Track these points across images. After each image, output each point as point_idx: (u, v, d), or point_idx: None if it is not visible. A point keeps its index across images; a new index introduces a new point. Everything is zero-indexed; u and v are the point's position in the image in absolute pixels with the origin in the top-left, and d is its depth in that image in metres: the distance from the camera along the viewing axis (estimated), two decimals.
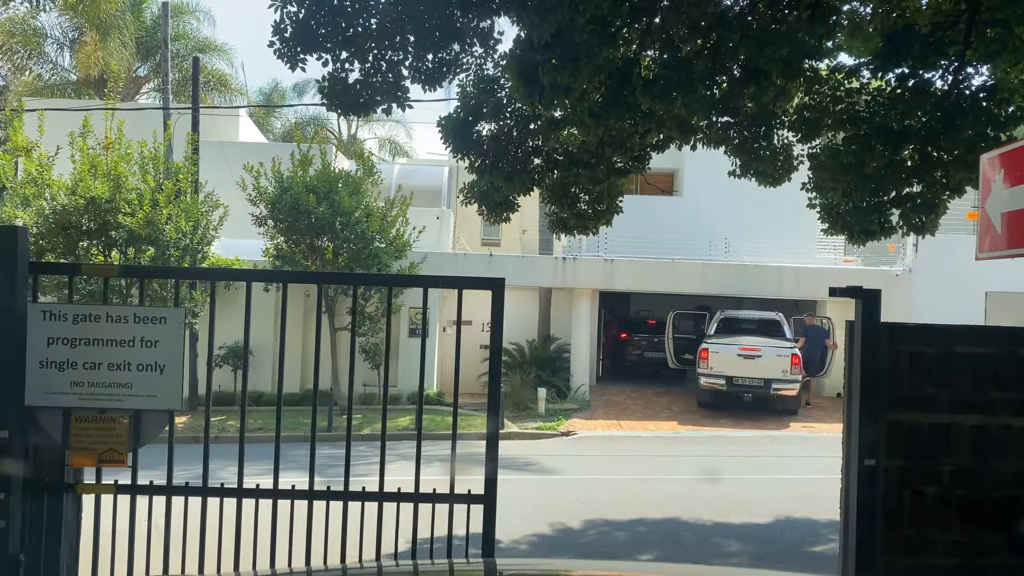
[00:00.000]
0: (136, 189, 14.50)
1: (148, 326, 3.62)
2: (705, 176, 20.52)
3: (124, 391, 3.56)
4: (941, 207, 7.78)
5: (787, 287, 17.86)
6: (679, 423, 15.71)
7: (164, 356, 3.64)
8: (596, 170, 7.78)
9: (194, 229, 14.94)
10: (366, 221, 15.16)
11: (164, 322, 3.64)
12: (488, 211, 8.54)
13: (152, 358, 3.62)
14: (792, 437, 14.62)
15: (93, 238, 14.67)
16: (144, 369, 3.61)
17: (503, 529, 8.37)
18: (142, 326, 3.61)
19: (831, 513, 9.11)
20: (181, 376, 3.72)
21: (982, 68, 7.32)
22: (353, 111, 5.92)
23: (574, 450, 13.41)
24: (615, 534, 8.06)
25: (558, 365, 18.06)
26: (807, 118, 7.40)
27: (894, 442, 3.39)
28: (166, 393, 3.65)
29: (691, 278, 17.79)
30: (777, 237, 18.94)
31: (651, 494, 9.79)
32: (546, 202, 9.00)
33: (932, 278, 17.61)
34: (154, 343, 3.62)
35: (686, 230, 19.19)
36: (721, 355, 16.08)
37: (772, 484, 10.53)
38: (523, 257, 19.01)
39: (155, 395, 3.64)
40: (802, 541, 7.83)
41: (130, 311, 3.61)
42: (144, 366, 3.61)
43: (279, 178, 15.16)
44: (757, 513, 8.81)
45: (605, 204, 8.50)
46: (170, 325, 3.65)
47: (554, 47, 5.16)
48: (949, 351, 3.36)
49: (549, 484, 10.49)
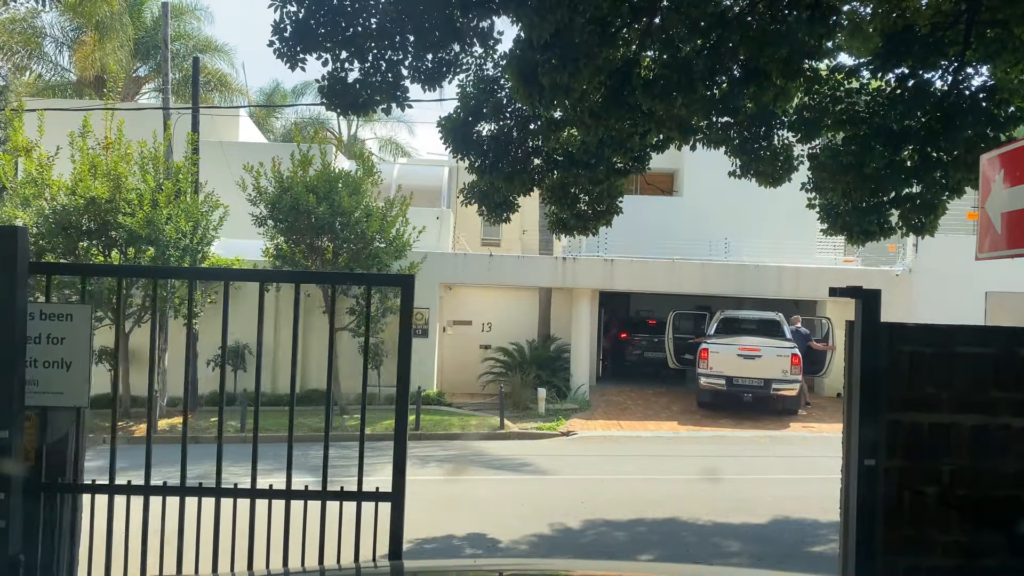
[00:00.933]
0: (136, 189, 14.50)
1: (54, 323, 3.62)
2: (705, 176, 20.53)
3: (30, 388, 3.55)
4: (940, 208, 7.78)
5: (787, 287, 17.86)
6: (679, 423, 15.71)
7: (70, 353, 3.63)
8: (596, 170, 7.77)
9: (194, 229, 14.95)
10: (366, 221, 15.16)
11: (70, 319, 3.63)
12: (488, 211, 8.54)
13: (58, 355, 3.62)
14: (792, 437, 14.63)
15: (93, 238, 14.68)
16: (50, 366, 3.61)
17: (503, 529, 8.39)
18: (48, 323, 3.61)
19: (831, 513, 9.11)
20: (88, 373, 3.71)
21: (982, 68, 7.32)
22: (353, 111, 5.92)
23: (574, 450, 13.42)
24: (615, 534, 8.06)
25: (558, 365, 18.07)
26: (807, 118, 7.40)
27: (894, 442, 3.39)
28: (72, 390, 3.65)
29: (691, 278, 17.79)
30: (777, 237, 18.96)
31: (651, 494, 9.79)
32: (546, 202, 8.99)
33: (932, 278, 17.62)
34: (60, 340, 3.61)
35: (686, 230, 19.19)
36: (721, 355, 16.08)
37: (772, 484, 10.53)
38: (523, 257, 19.01)
39: (62, 392, 3.64)
40: (801, 541, 7.83)
41: (36, 308, 3.60)
42: (50, 363, 3.61)
43: (279, 178, 15.17)
44: (757, 513, 8.81)
45: (605, 204, 8.49)
46: (76, 322, 3.65)
47: (554, 47, 5.16)
48: (949, 351, 3.36)
49: (549, 484, 10.50)
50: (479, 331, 19.38)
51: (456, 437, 14.14)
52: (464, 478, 10.90)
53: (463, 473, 11.16)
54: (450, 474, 11.10)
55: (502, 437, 14.28)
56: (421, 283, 17.16)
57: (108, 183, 14.33)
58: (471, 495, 9.97)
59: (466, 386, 18.52)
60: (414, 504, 9.14)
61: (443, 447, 13.28)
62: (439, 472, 11.35)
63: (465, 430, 14.59)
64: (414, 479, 11.20)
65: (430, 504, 9.22)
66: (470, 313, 19.43)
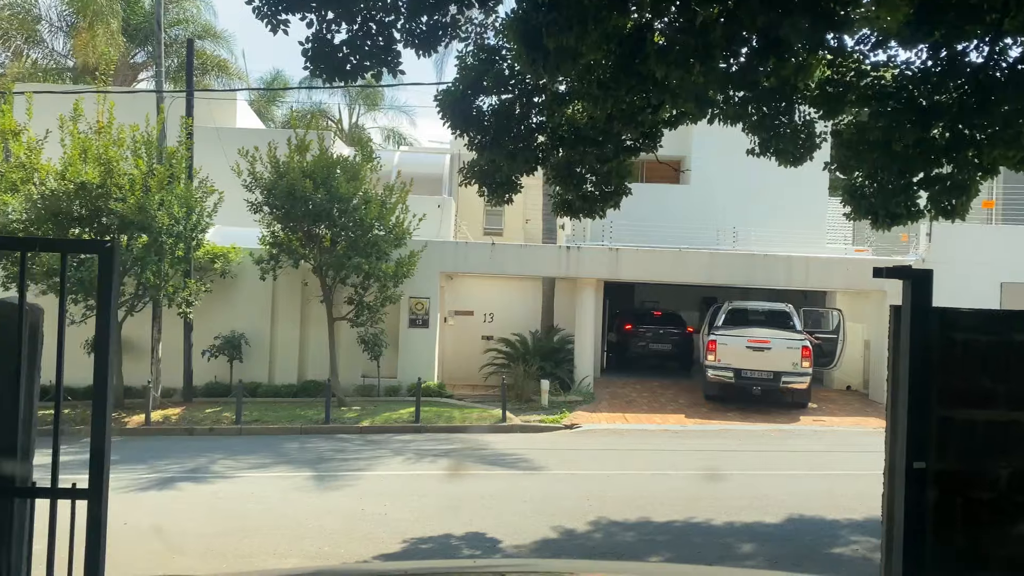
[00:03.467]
0: (127, 174, 14.09)
1: None
2: (713, 163, 20.05)
3: None
4: (973, 188, 7.31)
5: (796, 277, 17.39)
6: (686, 416, 15.29)
7: None
8: (604, 148, 7.28)
9: (188, 215, 14.53)
10: (364, 208, 14.73)
11: None
12: (489, 192, 8.06)
13: None
14: (803, 431, 14.20)
15: (84, 225, 14.29)
16: None
17: (502, 529, 7.99)
18: None
19: (848, 511, 8.69)
20: None
21: (1020, 38, 6.83)
22: (339, 76, 5.44)
23: (578, 444, 13.01)
24: (622, 535, 7.65)
25: (561, 356, 17.63)
26: (830, 93, 6.92)
27: (944, 442, 2.98)
28: None
29: (698, 268, 17.32)
30: (786, 226, 18.47)
31: (659, 491, 9.38)
32: (550, 183, 8.48)
33: (946, 268, 17.09)
34: None
35: (693, 219, 18.71)
36: (729, 347, 15.65)
37: (785, 480, 10.11)
38: (526, 246, 18.57)
39: None
40: (819, 542, 7.40)
41: None
42: None
43: (275, 163, 14.73)
44: (770, 511, 8.40)
45: (613, 185, 8.00)
46: None
47: (560, 6, 4.71)
48: (1007, 339, 2.94)
49: (552, 480, 10.09)
50: (481, 321, 18.96)
51: (457, 430, 13.74)
52: (463, 473, 10.50)
53: (462, 468, 10.76)
54: (449, 469, 10.70)
55: (504, 430, 13.87)
56: (422, 272, 16.82)
57: (99, 168, 13.93)
58: (471, 491, 9.57)
59: (468, 377, 18.11)
60: (409, 501, 8.78)
61: (443, 440, 12.88)
62: (437, 467, 10.95)
63: (466, 423, 14.18)
64: (410, 474, 10.84)
65: (426, 501, 8.81)
66: (472, 303, 19.00)
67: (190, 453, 11.68)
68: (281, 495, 9.08)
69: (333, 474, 10.25)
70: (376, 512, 8.24)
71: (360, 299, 15.24)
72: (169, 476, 9.93)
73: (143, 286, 14.60)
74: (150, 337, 15.52)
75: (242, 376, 16.02)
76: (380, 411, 14.92)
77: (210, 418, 14.47)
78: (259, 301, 16.84)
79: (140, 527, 7.62)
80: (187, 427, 13.99)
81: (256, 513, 8.26)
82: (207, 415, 14.67)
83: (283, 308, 17.04)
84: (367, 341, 15.85)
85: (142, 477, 9.87)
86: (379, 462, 11.26)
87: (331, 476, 10.13)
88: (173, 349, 15.71)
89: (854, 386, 18.87)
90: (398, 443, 12.61)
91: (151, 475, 10.01)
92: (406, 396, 15.82)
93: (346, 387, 16.13)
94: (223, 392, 15.80)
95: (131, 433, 13.76)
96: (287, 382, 16.61)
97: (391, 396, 16.35)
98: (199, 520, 7.98)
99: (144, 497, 8.95)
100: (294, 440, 12.95)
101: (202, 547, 7.03)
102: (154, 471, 10.24)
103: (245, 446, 12.43)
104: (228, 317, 16.49)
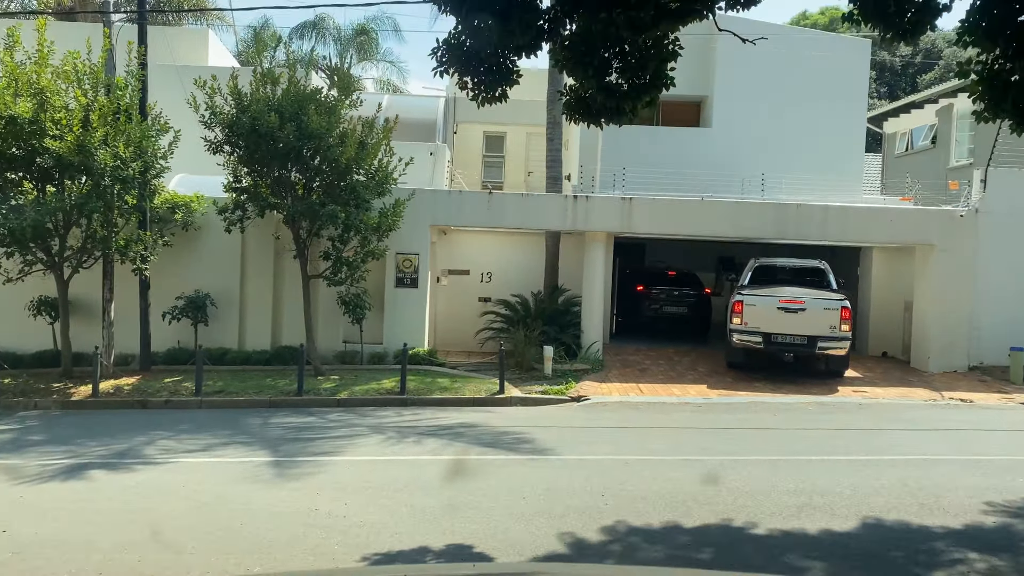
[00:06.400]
0: (64, 107, 12.14)
1: None
2: (738, 105, 18.01)
3: None
4: None
5: (832, 230, 15.39)
6: (708, 387, 13.47)
7: None
8: (640, 11, 5.17)
9: (136, 156, 12.57)
10: (340, 147, 12.73)
11: None
12: (473, 83, 5.91)
13: None
14: (845, 404, 12.36)
15: (18, 167, 12.38)
16: None
17: (494, 540, 6.15)
18: None
19: (937, 513, 6.78)
20: None
21: None
22: None
23: (587, 420, 11.20)
24: (648, 549, 5.83)
25: (567, 320, 15.74)
26: None
27: None
28: None
29: (722, 220, 15.32)
30: (817, 177, 16.48)
31: (689, 484, 7.57)
32: (560, 66, 6.27)
33: (1001, 219, 15.15)
34: None
35: (715, 166, 16.71)
36: (758, 308, 13.78)
37: (843, 468, 8.27)
38: (528, 195, 16.56)
39: None
40: (914, 560, 5.57)
41: None
42: None
43: (237, 96, 12.72)
44: (836, 513, 6.59)
45: (650, 71, 5.84)
46: None
47: None
48: None
49: (557, 468, 8.27)
50: (478, 281, 17.06)
51: (447, 403, 11.93)
52: (451, 458, 8.67)
53: (450, 452, 8.94)
54: (433, 454, 8.88)
55: (502, 403, 12.07)
56: (410, 225, 14.86)
57: (31, 101, 11.98)
58: (458, 484, 7.78)
59: (462, 343, 16.27)
60: (379, 498, 6.85)
61: (430, 416, 11.07)
62: (419, 450, 9.13)
63: (458, 394, 12.37)
64: (387, 459, 8.94)
65: (400, 498, 6.97)
66: (467, 261, 17.08)
67: (131, 431, 9.89)
68: (219, 488, 7.28)
69: (292, 459, 8.45)
70: (333, 513, 6.44)
71: (338, 254, 13.33)
72: (85, 462, 8.10)
73: (91, 239, 12.74)
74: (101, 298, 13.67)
75: (209, 341, 14.22)
76: (361, 381, 13.11)
77: (168, 388, 12.70)
78: (227, 257, 14.96)
79: (20, 536, 5.84)
80: (140, 399, 12.21)
81: (178, 515, 6.46)
82: (165, 385, 12.88)
83: (254, 265, 15.17)
84: (348, 302, 14.01)
85: (53, 463, 8.07)
86: (352, 443, 9.46)
87: (289, 462, 8.33)
88: (129, 311, 13.86)
89: (891, 352, 17.02)
90: (378, 419, 10.82)
91: (66, 460, 8.20)
92: (392, 364, 14.01)
93: (325, 354, 14.33)
94: (186, 359, 13.99)
95: (75, 407, 11.99)
96: (259, 348, 14.79)
97: (375, 364, 14.54)
98: (100, 525, 6.19)
99: (42, 491, 7.15)
100: (259, 415, 11.17)
101: (82, 567, 5.23)
102: (71, 456, 8.43)
103: (200, 421, 10.65)
104: (192, 275, 14.63)
